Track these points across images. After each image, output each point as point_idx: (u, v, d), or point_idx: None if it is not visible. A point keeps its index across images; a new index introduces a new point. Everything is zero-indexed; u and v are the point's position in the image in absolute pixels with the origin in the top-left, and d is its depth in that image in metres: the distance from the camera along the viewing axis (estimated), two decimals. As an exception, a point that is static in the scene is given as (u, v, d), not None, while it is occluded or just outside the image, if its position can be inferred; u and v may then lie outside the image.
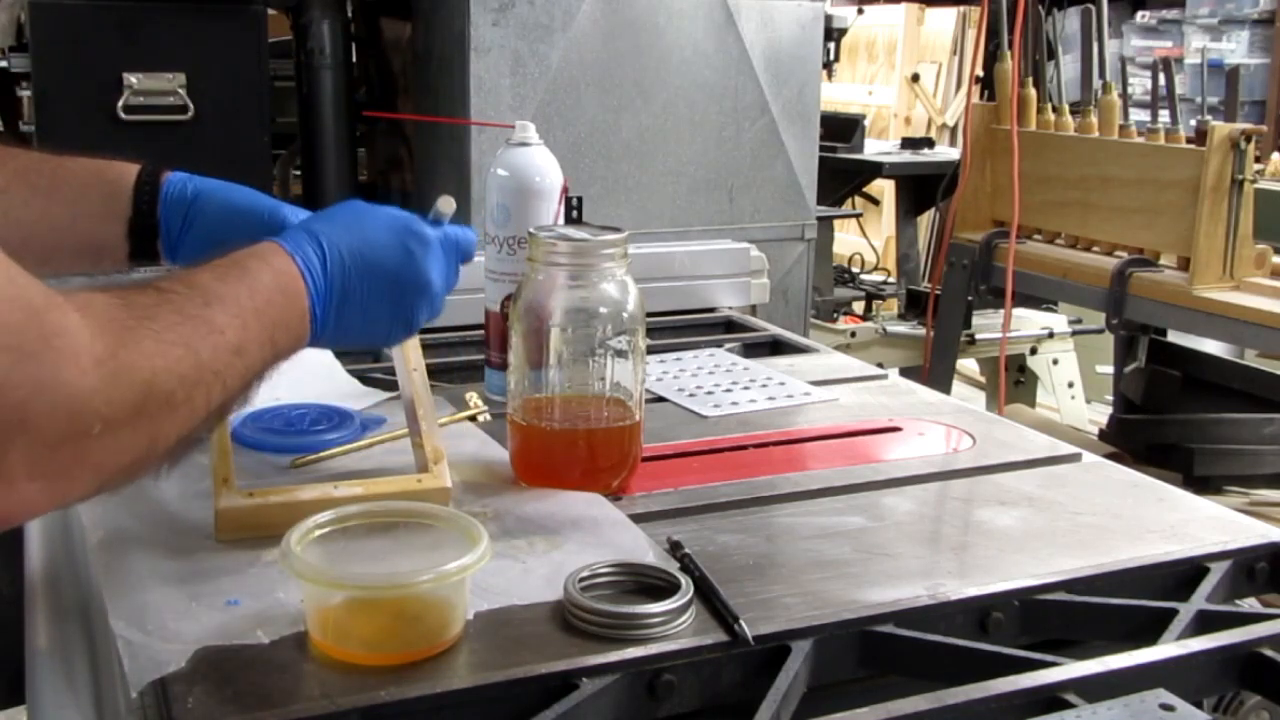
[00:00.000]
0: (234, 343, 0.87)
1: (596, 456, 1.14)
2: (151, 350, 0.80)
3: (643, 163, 2.64)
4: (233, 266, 0.93)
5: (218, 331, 0.86)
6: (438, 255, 1.07)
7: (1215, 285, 2.39)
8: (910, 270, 4.37)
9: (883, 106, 6.77)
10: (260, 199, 1.16)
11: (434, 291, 1.07)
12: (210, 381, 0.85)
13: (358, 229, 1.03)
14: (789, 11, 2.76)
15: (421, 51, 2.67)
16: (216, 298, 0.88)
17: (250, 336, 0.90)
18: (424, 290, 1.06)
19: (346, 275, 1.00)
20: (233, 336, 0.87)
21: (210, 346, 0.85)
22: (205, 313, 0.86)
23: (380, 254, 1.03)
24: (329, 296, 0.99)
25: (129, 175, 1.15)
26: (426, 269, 1.05)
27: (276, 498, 1.03)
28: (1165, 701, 0.78)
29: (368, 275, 1.01)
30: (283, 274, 0.96)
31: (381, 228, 1.05)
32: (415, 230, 1.06)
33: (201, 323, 0.85)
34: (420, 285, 1.05)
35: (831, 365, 1.64)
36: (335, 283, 0.99)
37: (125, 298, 0.82)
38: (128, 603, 0.91)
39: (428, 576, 0.85)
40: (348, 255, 1.00)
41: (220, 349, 0.86)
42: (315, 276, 0.98)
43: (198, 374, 0.83)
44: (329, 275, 0.99)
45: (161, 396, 0.80)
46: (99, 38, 2.35)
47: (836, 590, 0.97)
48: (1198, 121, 2.47)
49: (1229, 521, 1.13)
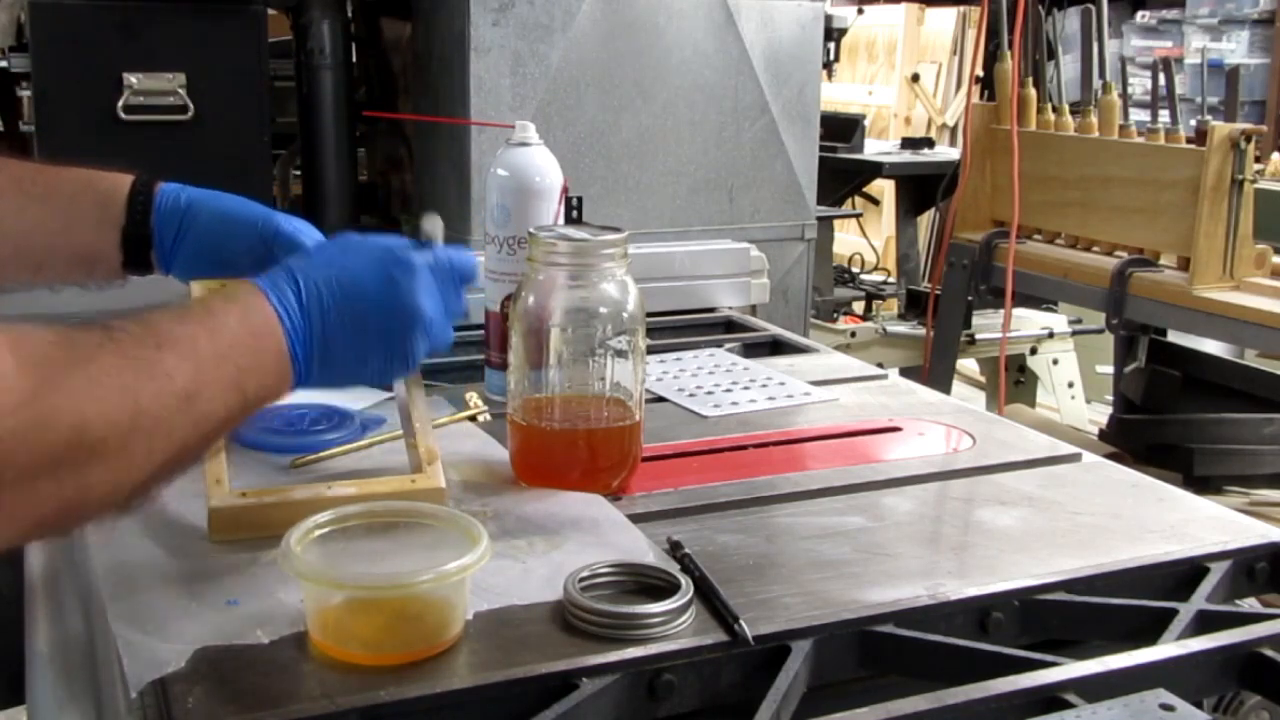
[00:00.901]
0: (184, 389, 0.81)
1: (596, 456, 1.14)
2: (82, 394, 0.75)
3: (643, 163, 2.64)
4: (198, 308, 0.90)
5: (164, 376, 0.81)
6: (426, 281, 1.00)
7: (1215, 285, 2.39)
8: (910, 270, 4.36)
9: (883, 106, 6.76)
10: (253, 207, 1.16)
11: (426, 319, 1.00)
12: (151, 430, 0.79)
13: (338, 262, 0.97)
14: (789, 11, 2.76)
15: (421, 51, 2.67)
16: (170, 340, 0.83)
17: (207, 381, 0.84)
18: (414, 319, 0.99)
19: (326, 311, 0.94)
20: (183, 382, 0.82)
21: (154, 392, 0.79)
22: (153, 355, 0.81)
23: (362, 285, 0.96)
24: (309, 335, 0.93)
25: (123, 185, 1.15)
26: (414, 296, 0.98)
27: (270, 498, 1.03)
28: (1165, 701, 0.78)
29: (350, 309, 0.95)
30: (254, 315, 0.91)
31: (363, 258, 0.99)
32: (398, 257, 1.00)
33: (146, 366, 0.80)
34: (409, 314, 0.98)
35: (831, 365, 1.64)
36: (314, 320, 0.93)
37: (67, 336, 0.77)
38: (128, 603, 0.91)
39: (428, 576, 0.85)
40: (326, 290, 0.94)
41: (165, 395, 0.80)
42: (292, 315, 0.92)
43: (134, 421, 0.78)
44: (307, 312, 0.93)
45: (89, 445, 0.75)
46: (99, 38, 2.35)
47: (836, 590, 0.97)
48: (1198, 121, 2.47)
49: (1229, 521, 1.13)
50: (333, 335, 0.94)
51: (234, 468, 1.10)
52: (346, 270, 0.97)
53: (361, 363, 0.97)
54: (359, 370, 0.98)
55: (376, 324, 0.97)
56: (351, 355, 0.96)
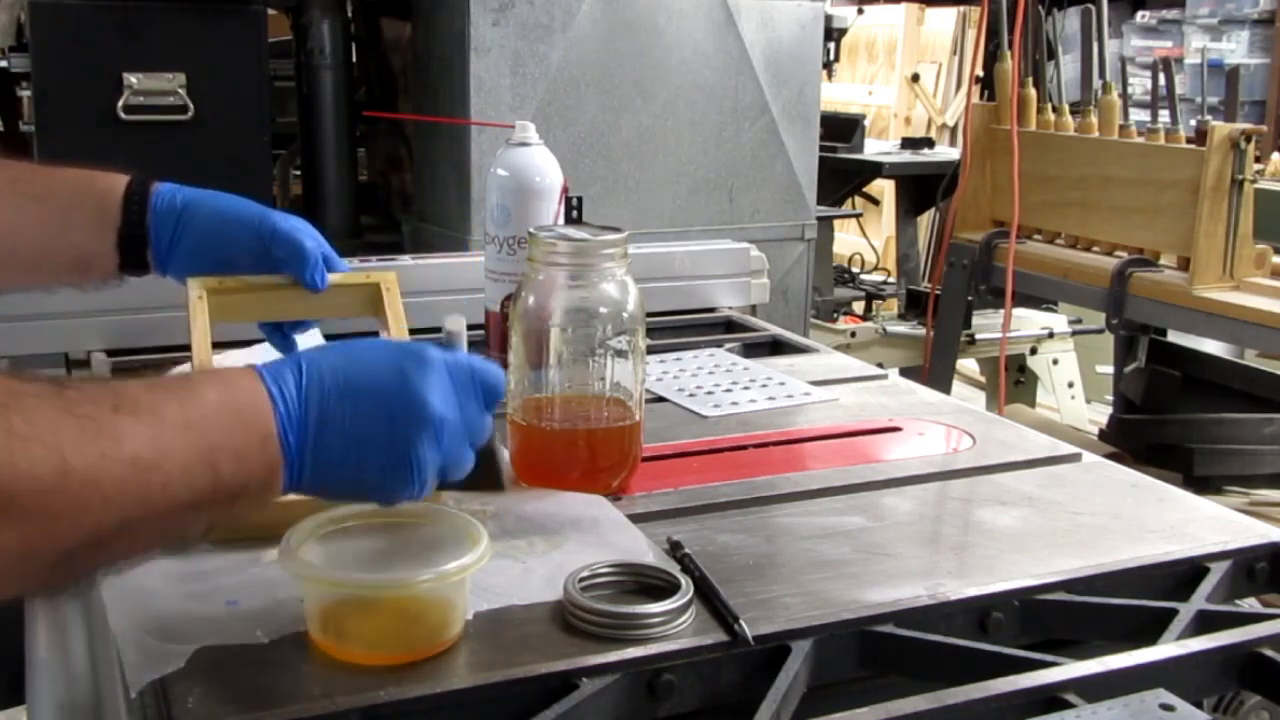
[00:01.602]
0: (134, 455, 0.74)
1: (596, 456, 1.14)
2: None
3: (643, 163, 2.64)
4: (178, 379, 0.82)
5: (110, 439, 0.73)
6: (441, 376, 0.89)
7: (1215, 285, 2.39)
8: (910, 270, 4.37)
9: (883, 106, 6.77)
10: (250, 207, 1.16)
11: (436, 418, 0.87)
12: (82, 494, 0.71)
13: (347, 351, 0.89)
14: (789, 11, 2.76)
15: (421, 51, 2.67)
16: (130, 403, 0.76)
17: (165, 452, 0.75)
18: (421, 416, 0.87)
19: (325, 397, 0.84)
20: (134, 448, 0.74)
21: (92, 454, 0.72)
22: (105, 416, 0.74)
23: (367, 373, 0.87)
24: (304, 421, 0.83)
25: (119, 186, 1.14)
26: (423, 391, 0.87)
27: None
28: (1165, 701, 0.78)
29: (351, 397, 0.85)
30: (241, 392, 0.82)
31: (375, 350, 0.90)
32: (412, 350, 0.90)
33: (93, 425, 0.73)
34: (416, 410, 0.87)
35: (831, 365, 1.64)
36: (312, 407, 0.84)
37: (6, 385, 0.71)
38: (128, 603, 0.91)
39: (428, 576, 0.85)
40: (329, 375, 0.85)
41: (108, 459, 0.73)
42: (288, 399, 0.83)
43: (60, 481, 0.70)
44: (304, 397, 0.84)
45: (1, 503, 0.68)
46: (99, 38, 2.35)
47: (836, 590, 0.97)
48: (1198, 121, 2.47)
49: (1229, 521, 1.13)
50: (329, 424, 0.84)
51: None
52: (354, 360, 0.88)
53: (361, 461, 0.86)
54: (357, 469, 0.86)
55: (380, 419, 0.86)
56: (349, 450, 0.85)
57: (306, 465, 0.84)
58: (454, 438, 0.89)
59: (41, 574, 0.73)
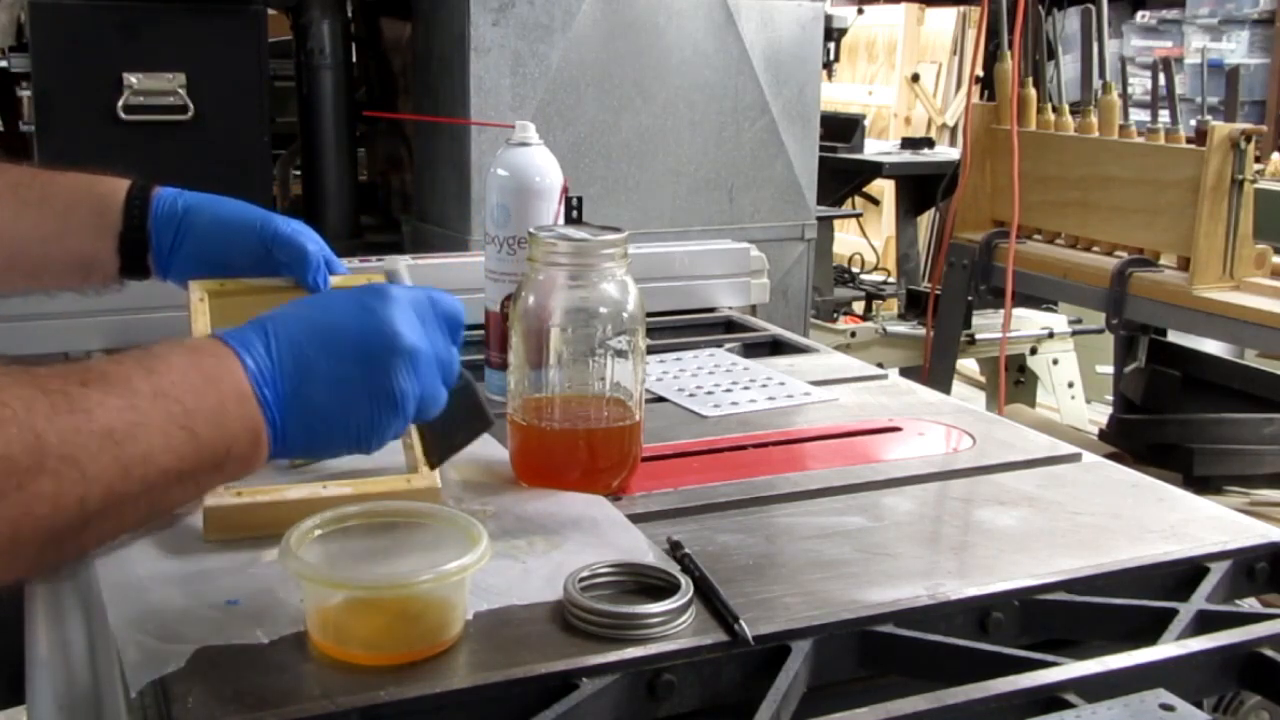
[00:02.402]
0: (106, 426, 0.74)
1: (596, 456, 1.14)
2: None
3: (643, 163, 2.64)
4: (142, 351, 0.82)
5: (81, 412, 0.73)
6: (405, 308, 0.91)
7: (1215, 285, 2.39)
8: (910, 270, 4.37)
9: (883, 106, 6.77)
10: (251, 211, 1.15)
11: (408, 347, 0.90)
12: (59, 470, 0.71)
13: (308, 302, 0.92)
14: (789, 11, 2.76)
15: (421, 51, 2.67)
16: (99, 377, 0.76)
17: (137, 421, 0.76)
18: (396, 346, 0.89)
19: (298, 347, 0.86)
20: (106, 419, 0.74)
21: (64, 428, 0.72)
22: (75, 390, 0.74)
23: (334, 316, 0.89)
24: (277, 374, 0.85)
25: (119, 189, 1.14)
26: (392, 322, 0.90)
27: (264, 497, 1.03)
28: (1165, 701, 0.78)
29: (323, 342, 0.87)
30: (206, 355, 0.83)
31: (336, 296, 0.93)
32: (371, 288, 0.93)
33: (63, 400, 0.73)
34: (389, 341, 0.89)
35: (831, 365, 1.64)
36: (286, 359, 0.85)
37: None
38: (128, 603, 0.91)
39: (428, 576, 0.85)
40: (296, 326, 0.87)
41: (81, 432, 0.73)
42: (256, 356, 0.84)
43: (35, 458, 0.70)
44: (275, 353, 0.85)
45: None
46: (99, 38, 2.35)
47: (836, 590, 0.97)
48: (1198, 121, 2.47)
49: (1229, 521, 1.13)
50: (308, 376, 0.86)
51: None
52: (317, 307, 0.90)
53: (345, 406, 0.88)
54: (344, 416, 0.88)
55: (357, 359, 0.88)
56: (332, 395, 0.87)
57: (291, 418, 0.85)
58: (428, 366, 0.91)
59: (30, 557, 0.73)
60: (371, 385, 0.89)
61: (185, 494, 0.83)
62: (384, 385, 0.89)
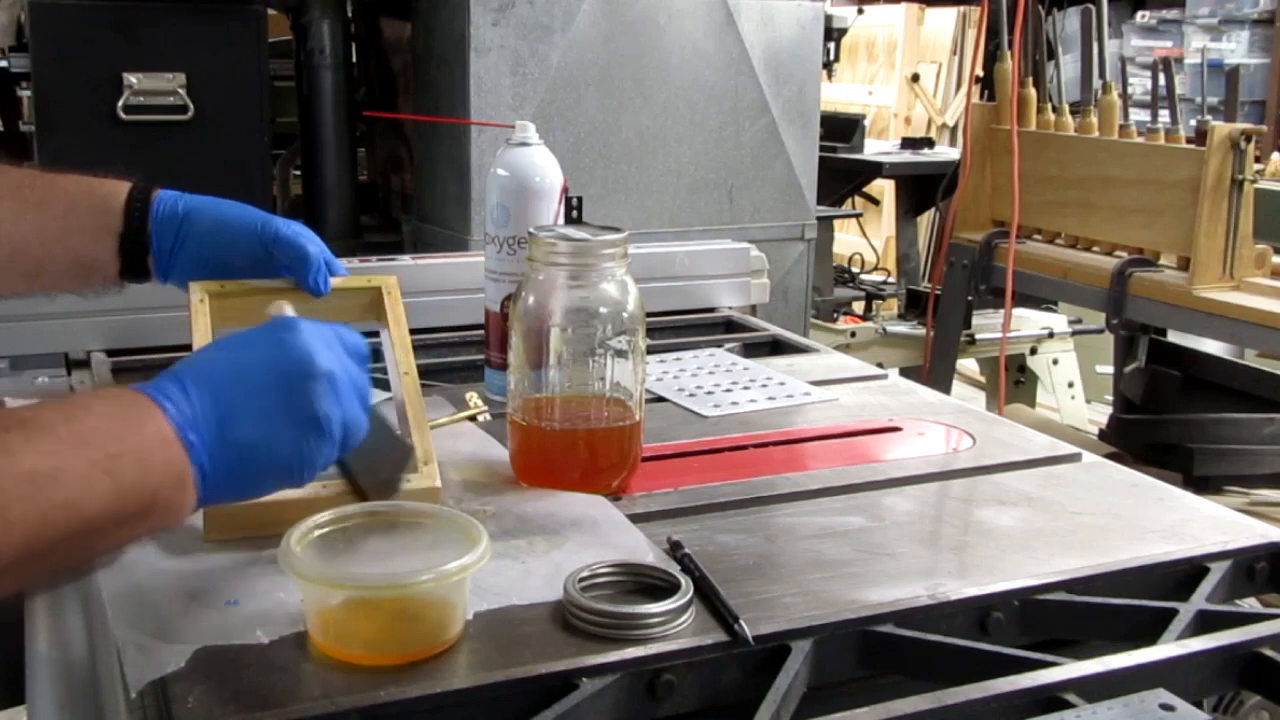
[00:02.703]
0: (30, 470, 0.75)
1: (596, 456, 1.14)
2: None
3: (643, 163, 2.64)
4: (61, 399, 0.83)
5: (3, 455, 0.74)
6: (313, 335, 0.92)
7: (1215, 285, 2.39)
8: (910, 270, 4.37)
9: (883, 106, 6.77)
10: (252, 213, 1.15)
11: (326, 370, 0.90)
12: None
13: (218, 346, 0.93)
14: (789, 11, 2.76)
15: (421, 51, 2.67)
16: (19, 423, 0.77)
17: (62, 465, 0.76)
18: (315, 371, 0.89)
19: (218, 388, 0.86)
20: (30, 463, 0.75)
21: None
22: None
23: (248, 353, 0.90)
24: (200, 417, 0.85)
25: (120, 191, 1.14)
26: (307, 349, 0.90)
27: (264, 499, 1.03)
28: (1165, 701, 0.78)
29: (242, 378, 0.88)
30: (125, 401, 0.84)
31: (244, 334, 0.93)
32: (277, 322, 0.94)
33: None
34: (307, 367, 0.89)
35: (831, 365, 1.64)
36: (206, 402, 0.85)
37: None
38: (128, 603, 0.91)
39: (428, 576, 0.85)
40: (211, 368, 0.88)
41: (5, 474, 0.74)
42: (174, 399, 0.84)
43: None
44: (193, 396, 0.85)
45: None
46: (99, 38, 2.36)
47: (836, 590, 0.97)
48: (1198, 121, 2.47)
49: (1229, 521, 1.13)
50: (230, 414, 0.86)
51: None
52: (229, 347, 0.91)
53: (273, 439, 0.88)
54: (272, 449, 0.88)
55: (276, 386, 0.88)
56: (259, 430, 0.87)
57: (217, 460, 0.85)
58: (346, 389, 0.92)
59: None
60: (295, 413, 0.88)
61: (109, 543, 0.82)
62: (308, 411, 0.89)
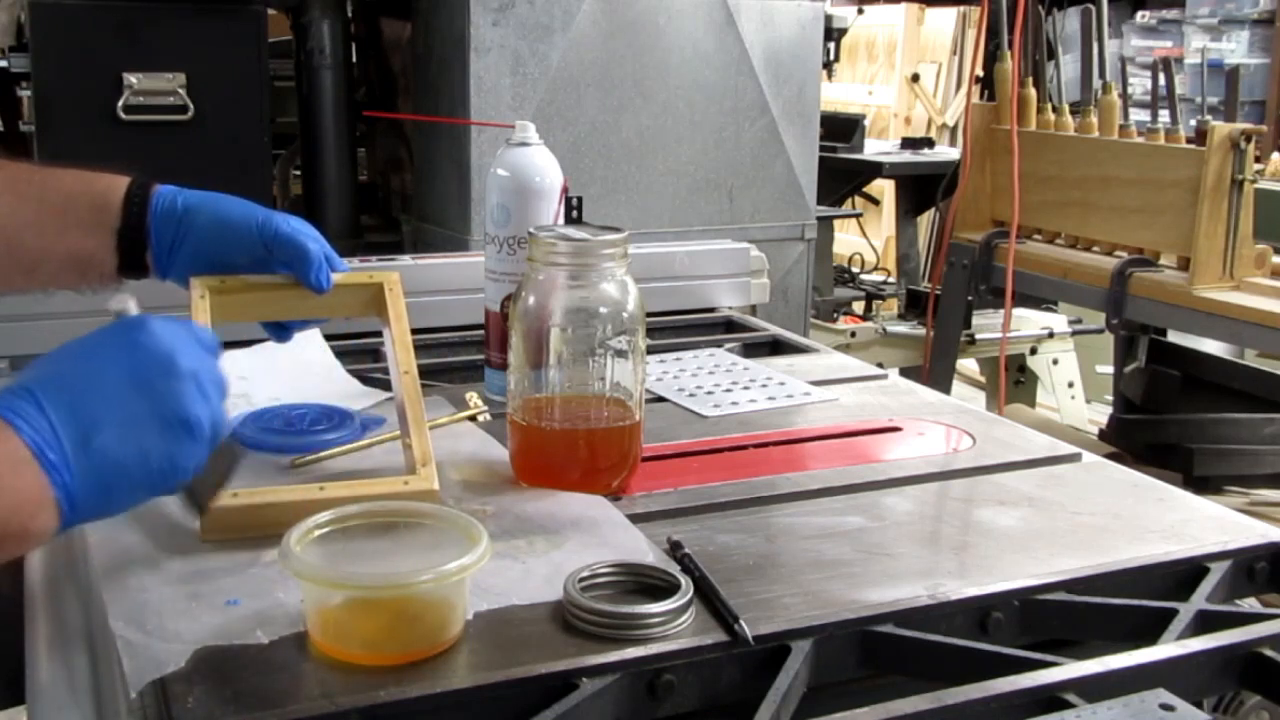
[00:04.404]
0: None
1: (596, 456, 1.14)
2: None
3: (643, 163, 2.64)
4: None
5: None
6: (169, 334, 0.88)
7: (1215, 285, 2.39)
8: (910, 270, 4.37)
9: (883, 106, 6.77)
10: (251, 209, 1.15)
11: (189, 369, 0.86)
12: None
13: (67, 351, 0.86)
14: (789, 11, 2.76)
15: (421, 51, 2.67)
16: None
17: None
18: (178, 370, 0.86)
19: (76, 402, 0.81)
20: None
21: None
22: None
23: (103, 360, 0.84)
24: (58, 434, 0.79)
25: (119, 187, 1.13)
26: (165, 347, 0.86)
27: (262, 499, 1.03)
28: (1165, 701, 0.78)
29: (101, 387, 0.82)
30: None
31: (92, 339, 0.87)
32: (126, 323, 0.89)
33: None
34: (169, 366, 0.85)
35: (831, 365, 1.64)
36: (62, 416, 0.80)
37: None
38: (128, 603, 0.91)
39: (428, 576, 0.85)
40: (65, 379, 0.82)
41: None
42: (30, 419, 0.79)
43: None
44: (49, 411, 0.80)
45: None
46: (99, 38, 2.36)
47: (836, 590, 0.97)
48: (1198, 121, 2.47)
49: (1229, 521, 1.13)
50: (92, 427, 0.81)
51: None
52: (80, 356, 0.85)
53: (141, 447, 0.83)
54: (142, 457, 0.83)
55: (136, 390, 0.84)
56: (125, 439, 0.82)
57: (83, 477, 0.80)
58: (211, 386, 0.88)
59: None
60: (162, 416, 0.84)
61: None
62: (175, 412, 0.84)
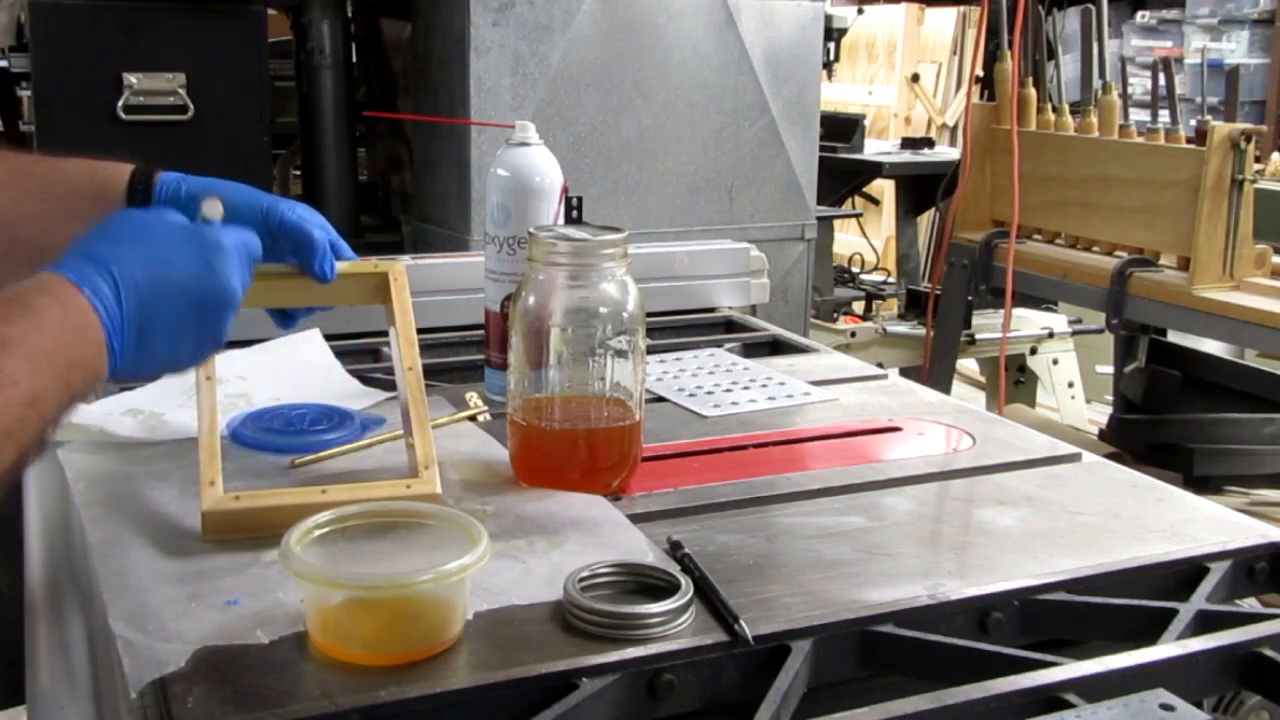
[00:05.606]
0: (28, 394, 0.79)
1: (596, 456, 1.14)
2: None
3: (643, 163, 2.64)
4: (16, 305, 0.85)
5: (10, 384, 0.78)
6: (234, 261, 0.99)
7: (1215, 285, 2.39)
8: (910, 270, 4.37)
9: (883, 106, 6.77)
10: (257, 196, 1.14)
11: (237, 301, 0.98)
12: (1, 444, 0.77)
13: (149, 248, 0.95)
14: (789, 11, 2.76)
15: (421, 51, 2.67)
16: (4, 343, 0.79)
17: (45, 383, 0.81)
18: (228, 302, 0.98)
19: (145, 304, 0.91)
20: (27, 387, 0.79)
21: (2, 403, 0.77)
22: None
23: (179, 273, 0.95)
24: (124, 328, 0.90)
25: (122, 175, 1.13)
26: (228, 278, 0.97)
27: (262, 501, 1.03)
28: (1165, 701, 0.78)
29: (170, 299, 0.93)
30: (74, 310, 0.87)
31: (174, 243, 0.96)
32: (210, 240, 0.98)
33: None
34: (224, 298, 0.97)
35: (831, 365, 1.64)
36: (132, 312, 0.91)
37: None
38: (127, 603, 0.91)
39: (428, 576, 0.85)
40: (144, 281, 0.92)
41: (13, 404, 0.78)
42: (109, 308, 0.89)
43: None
44: (124, 305, 0.90)
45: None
46: (99, 38, 2.36)
47: (836, 590, 0.97)
48: (1198, 121, 2.47)
49: (1229, 521, 1.13)
50: (151, 327, 0.92)
51: (233, 467, 1.11)
52: (161, 258, 0.94)
53: (176, 350, 0.95)
54: (172, 358, 0.96)
55: (196, 311, 0.95)
56: (168, 344, 0.94)
57: (129, 361, 0.91)
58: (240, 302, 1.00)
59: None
60: (202, 334, 0.96)
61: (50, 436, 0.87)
62: (213, 334, 0.97)
